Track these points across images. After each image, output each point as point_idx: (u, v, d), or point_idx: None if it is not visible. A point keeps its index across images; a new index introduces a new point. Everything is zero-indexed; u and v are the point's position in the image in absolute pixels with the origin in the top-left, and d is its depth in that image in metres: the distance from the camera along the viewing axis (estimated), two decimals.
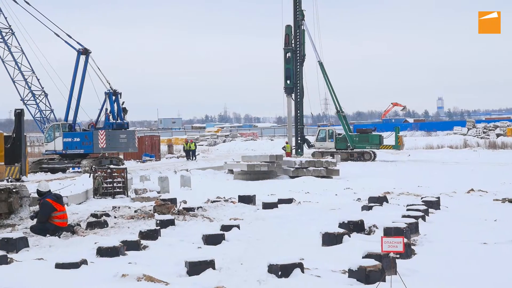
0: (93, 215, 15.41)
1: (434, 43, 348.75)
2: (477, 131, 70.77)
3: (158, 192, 21.81)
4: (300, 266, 9.08)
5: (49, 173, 34.28)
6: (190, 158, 47.85)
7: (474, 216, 15.28)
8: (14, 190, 15.61)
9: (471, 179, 26.17)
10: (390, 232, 11.60)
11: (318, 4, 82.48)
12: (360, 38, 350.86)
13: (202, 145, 77.41)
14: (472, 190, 21.36)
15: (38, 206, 13.81)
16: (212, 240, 12.01)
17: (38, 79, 38.62)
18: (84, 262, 9.84)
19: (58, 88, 37.02)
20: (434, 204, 16.48)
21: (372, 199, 17.59)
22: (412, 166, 38.23)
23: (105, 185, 21.67)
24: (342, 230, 11.97)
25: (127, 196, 21.66)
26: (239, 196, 19.15)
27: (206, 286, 8.47)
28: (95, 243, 11.44)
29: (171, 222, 14.16)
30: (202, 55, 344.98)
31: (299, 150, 48.47)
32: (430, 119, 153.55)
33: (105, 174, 21.81)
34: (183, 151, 50.86)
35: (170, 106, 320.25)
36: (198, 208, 16.90)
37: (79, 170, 33.95)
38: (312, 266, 9.46)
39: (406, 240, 10.02)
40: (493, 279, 8.94)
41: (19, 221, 15.29)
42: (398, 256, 8.97)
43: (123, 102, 35.93)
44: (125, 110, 36.14)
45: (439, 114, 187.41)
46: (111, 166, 23.88)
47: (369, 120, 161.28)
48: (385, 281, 8.43)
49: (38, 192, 13.60)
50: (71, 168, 35.51)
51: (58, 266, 9.64)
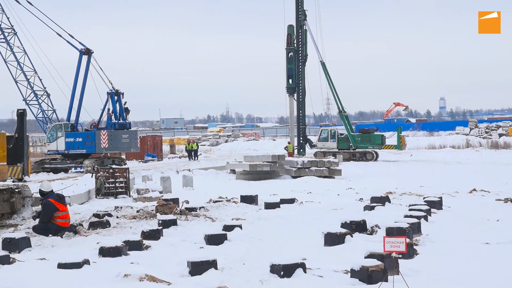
0: (95, 215, 15.45)
1: (434, 43, 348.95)
2: (479, 131, 70.67)
3: (160, 192, 21.80)
4: (302, 266, 9.07)
5: (51, 173, 34.36)
6: (192, 158, 47.88)
7: (476, 216, 15.25)
8: (16, 190, 15.62)
9: (474, 179, 26.13)
10: (392, 232, 11.60)
11: (320, 4, 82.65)
12: (361, 38, 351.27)
13: (204, 145, 77.48)
14: (474, 190, 21.33)
15: (40, 206, 13.80)
16: (214, 240, 12.00)
17: (41, 79, 38.75)
18: (86, 262, 9.84)
19: (60, 88, 37.14)
20: (436, 204, 16.47)
21: (374, 199, 17.59)
22: (414, 166, 38.19)
23: (107, 185, 21.67)
24: (344, 230, 11.95)
25: (129, 196, 21.65)
26: (241, 196, 19.13)
27: (208, 286, 8.47)
28: (97, 243, 11.44)
29: (173, 222, 14.15)
30: (202, 55, 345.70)
31: (301, 150, 48.46)
32: (432, 119, 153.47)
33: (107, 174, 21.80)
34: (185, 151, 50.89)
35: (172, 106, 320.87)
36: (200, 208, 16.90)
37: (81, 170, 34.03)
38: (314, 266, 9.46)
39: (408, 240, 10.01)
40: (495, 279, 8.92)
41: (22, 221, 15.31)
42: (400, 256, 8.96)
43: (125, 102, 35.94)
44: (127, 110, 36.12)
45: (441, 114, 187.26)
46: (113, 166, 23.88)
47: (371, 120, 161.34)
48: (387, 281, 8.42)
49: (41, 192, 13.61)
50: (73, 168, 35.61)
51: (61, 266, 9.64)
